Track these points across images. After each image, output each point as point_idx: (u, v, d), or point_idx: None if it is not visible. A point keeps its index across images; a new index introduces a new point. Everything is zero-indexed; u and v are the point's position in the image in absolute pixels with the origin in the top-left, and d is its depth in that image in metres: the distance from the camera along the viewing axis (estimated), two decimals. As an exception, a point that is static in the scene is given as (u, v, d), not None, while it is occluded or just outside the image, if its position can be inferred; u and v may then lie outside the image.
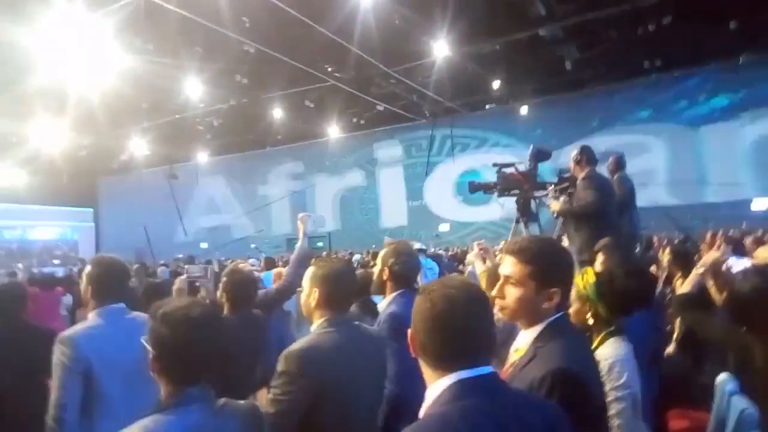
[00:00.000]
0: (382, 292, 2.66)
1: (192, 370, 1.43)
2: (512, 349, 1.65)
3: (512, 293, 1.58)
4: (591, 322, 2.11)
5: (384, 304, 2.57)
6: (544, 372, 1.42)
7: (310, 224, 3.44)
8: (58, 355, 2.13)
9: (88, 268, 2.36)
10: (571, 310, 2.07)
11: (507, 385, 1.27)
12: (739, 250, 5.23)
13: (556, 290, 1.54)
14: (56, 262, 17.66)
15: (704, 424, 3.34)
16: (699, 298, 2.66)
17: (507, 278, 1.59)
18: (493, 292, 1.63)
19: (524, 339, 1.59)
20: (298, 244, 3.33)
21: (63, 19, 8.37)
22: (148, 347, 1.45)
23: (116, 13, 8.90)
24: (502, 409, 1.15)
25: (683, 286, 2.70)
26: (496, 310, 1.57)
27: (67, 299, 6.01)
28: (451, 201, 17.65)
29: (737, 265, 4.20)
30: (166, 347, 1.42)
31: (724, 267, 2.95)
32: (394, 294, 2.54)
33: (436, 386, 1.17)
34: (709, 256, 2.73)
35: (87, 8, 8.28)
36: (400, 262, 2.55)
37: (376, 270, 2.69)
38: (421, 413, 1.18)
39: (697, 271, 2.68)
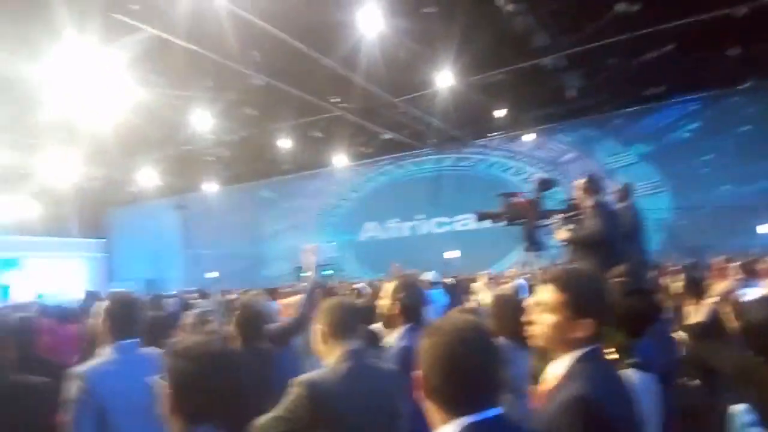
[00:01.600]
0: (389, 324, 2.67)
1: (206, 408, 1.41)
2: (546, 375, 1.67)
3: (545, 320, 1.60)
4: (616, 356, 2.10)
5: (394, 337, 2.57)
6: (565, 398, 1.43)
7: (318, 254, 3.46)
8: (72, 390, 2.15)
9: (104, 304, 2.40)
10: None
11: (514, 425, 1.27)
12: (752, 277, 5.19)
13: (589, 321, 1.55)
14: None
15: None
16: (712, 327, 2.65)
17: (540, 305, 1.61)
18: (525, 318, 1.66)
19: (557, 367, 1.60)
20: (308, 275, 3.34)
21: (74, 52, 8.58)
22: (163, 383, 1.44)
23: (128, 47, 9.13)
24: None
25: (696, 315, 2.69)
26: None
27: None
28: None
29: (751, 293, 4.18)
30: (182, 383, 1.41)
31: (736, 295, 2.94)
32: (405, 328, 2.55)
33: (445, 431, 1.17)
34: (721, 286, 2.74)
35: (99, 42, 8.49)
36: (410, 295, 2.57)
37: (383, 303, 2.70)
38: None
39: (710, 300, 2.67)
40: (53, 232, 20.30)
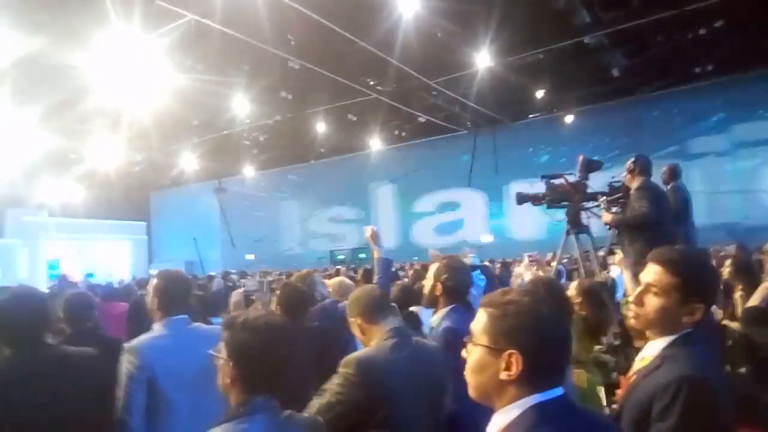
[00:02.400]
0: (433, 305, 2.66)
1: (266, 378, 1.47)
2: (638, 357, 1.63)
3: (653, 302, 1.55)
4: None
5: (437, 318, 2.57)
6: (670, 379, 1.40)
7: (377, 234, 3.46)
8: (125, 364, 2.23)
9: (154, 281, 2.47)
10: None
11: (578, 407, 1.21)
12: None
13: (699, 306, 1.50)
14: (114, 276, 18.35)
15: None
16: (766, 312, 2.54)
17: (649, 286, 1.56)
18: (630, 298, 1.62)
19: (653, 348, 1.56)
20: (375, 254, 3.34)
21: (118, 40, 8.79)
22: (221, 356, 1.50)
23: (168, 34, 9.30)
24: None
25: (752, 299, 2.58)
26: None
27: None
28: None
29: None
30: (245, 354, 1.47)
31: None
32: (447, 308, 2.53)
33: (511, 410, 1.09)
34: None
35: (141, 30, 8.67)
36: (453, 277, 2.55)
37: (427, 284, 2.70)
38: None
39: (766, 284, 2.56)
40: (98, 214, 21.01)
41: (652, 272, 1.56)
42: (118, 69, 9.78)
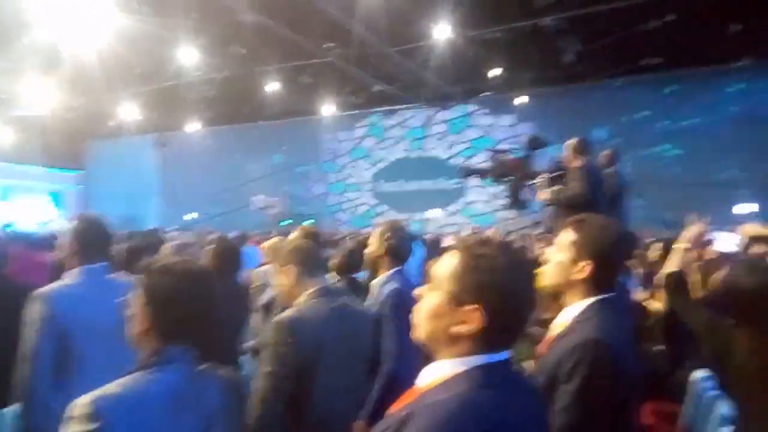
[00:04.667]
0: (373, 268, 2.66)
1: (182, 325, 1.39)
2: (554, 323, 1.67)
3: (553, 258, 1.64)
4: None
5: (381, 280, 2.56)
6: (576, 342, 1.43)
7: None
8: (33, 312, 2.08)
9: (72, 224, 2.30)
10: None
11: (520, 374, 1.18)
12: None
13: (588, 263, 1.55)
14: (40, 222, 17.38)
15: (675, 418, 3.38)
16: (684, 279, 2.58)
17: (557, 246, 1.67)
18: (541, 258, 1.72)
19: (568, 314, 1.60)
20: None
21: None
22: (137, 301, 1.42)
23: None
24: (519, 405, 1.04)
25: (667, 264, 2.59)
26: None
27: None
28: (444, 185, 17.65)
29: (722, 238, 4.19)
30: (161, 297, 1.39)
31: (707, 241, 2.91)
32: (392, 271, 2.53)
33: (456, 364, 1.02)
34: (691, 230, 2.61)
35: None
36: (397, 237, 2.55)
37: (370, 248, 2.68)
38: (425, 392, 1.03)
39: (680, 245, 2.56)
40: (27, 160, 19.78)
41: (562, 234, 1.66)
42: (57, 5, 9.11)
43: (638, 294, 4.42)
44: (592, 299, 1.56)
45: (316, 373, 1.81)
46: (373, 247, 2.59)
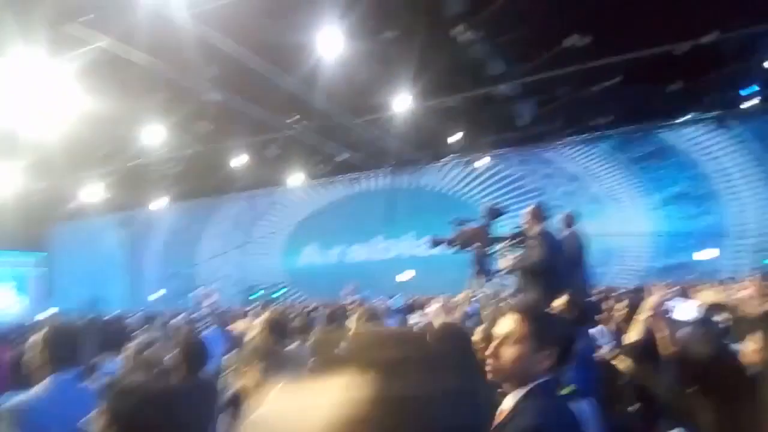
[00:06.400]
0: None
1: None
2: (498, 410, 1.63)
3: (509, 353, 1.53)
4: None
5: None
6: (518, 429, 1.40)
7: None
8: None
9: (41, 333, 2.22)
10: None
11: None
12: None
13: (551, 351, 1.53)
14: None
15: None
16: (648, 347, 2.64)
17: (505, 337, 1.55)
18: (487, 353, 1.59)
19: (511, 400, 1.55)
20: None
21: (20, 63, 8.20)
22: (100, 422, 1.41)
23: (77, 58, 8.82)
24: None
25: (629, 334, 2.66)
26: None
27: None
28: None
29: (681, 307, 4.30)
30: (124, 420, 1.40)
31: (668, 308, 2.98)
32: None
33: None
34: (650, 300, 2.71)
35: (47, 53, 8.17)
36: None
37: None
38: None
39: (641, 316, 2.64)
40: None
41: (508, 322, 1.58)
42: (19, 90, 9.10)
43: (607, 353, 4.45)
44: (531, 385, 1.53)
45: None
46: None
